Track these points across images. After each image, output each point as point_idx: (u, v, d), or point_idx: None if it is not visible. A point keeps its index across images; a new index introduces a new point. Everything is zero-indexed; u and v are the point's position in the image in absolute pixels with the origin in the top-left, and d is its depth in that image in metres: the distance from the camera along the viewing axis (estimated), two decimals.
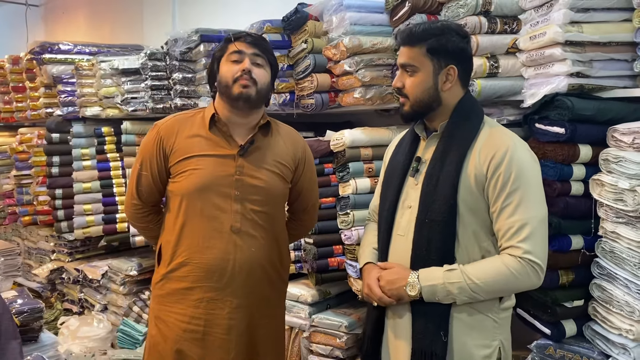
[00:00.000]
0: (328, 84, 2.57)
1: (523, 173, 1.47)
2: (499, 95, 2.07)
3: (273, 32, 2.72)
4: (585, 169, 1.86)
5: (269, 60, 1.80)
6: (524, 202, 1.46)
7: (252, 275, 1.79)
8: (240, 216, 1.76)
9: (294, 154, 1.90)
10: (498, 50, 2.06)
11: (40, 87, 4.26)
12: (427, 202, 1.54)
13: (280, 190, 1.86)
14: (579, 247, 1.86)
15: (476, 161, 1.51)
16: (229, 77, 1.74)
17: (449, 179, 1.51)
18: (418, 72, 1.56)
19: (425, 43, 1.53)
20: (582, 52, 1.84)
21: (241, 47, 1.75)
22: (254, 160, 1.79)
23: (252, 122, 1.82)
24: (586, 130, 1.81)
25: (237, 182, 1.76)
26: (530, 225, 1.45)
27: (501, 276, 1.45)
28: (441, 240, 1.52)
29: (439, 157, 1.55)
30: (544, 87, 1.88)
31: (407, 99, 1.59)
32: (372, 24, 2.37)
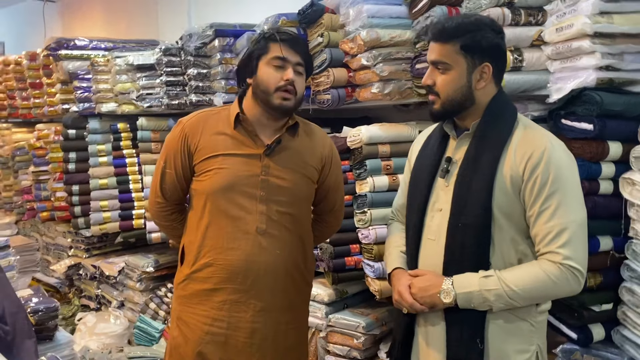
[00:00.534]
0: (345, 79, 2.51)
1: (562, 175, 1.41)
2: (523, 90, 2.00)
3: (288, 25, 2.67)
4: (615, 167, 1.77)
5: (307, 65, 1.75)
6: (563, 206, 1.40)
7: (276, 278, 1.75)
8: (265, 217, 1.72)
9: (321, 153, 1.85)
10: (522, 43, 1.98)
11: (56, 83, 4.26)
12: (459, 205, 1.47)
13: (306, 192, 1.82)
14: (607, 249, 1.79)
15: (512, 162, 1.44)
16: (271, 84, 1.68)
17: (483, 181, 1.44)
18: (451, 70, 1.47)
19: (458, 40, 1.45)
20: (612, 44, 1.75)
21: (287, 54, 1.67)
22: (280, 161, 1.75)
23: (279, 124, 1.78)
24: (616, 127, 1.73)
25: (263, 183, 1.72)
26: (569, 229, 1.39)
27: (540, 283, 1.40)
28: (475, 245, 1.45)
29: (472, 157, 1.48)
30: (571, 82, 1.80)
31: (437, 97, 1.51)
32: (390, 16, 2.30)
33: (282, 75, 1.67)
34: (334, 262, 2.50)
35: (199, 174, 1.76)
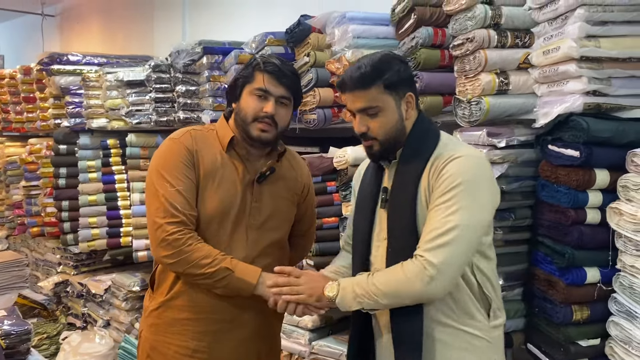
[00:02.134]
0: (331, 99, 2.47)
1: (461, 178, 1.37)
2: (509, 114, 1.94)
3: (276, 44, 2.64)
4: (602, 195, 1.71)
5: (294, 97, 1.69)
6: (453, 205, 1.36)
7: (259, 308, 1.66)
8: (255, 245, 1.67)
9: (302, 181, 1.83)
10: (508, 66, 1.93)
11: (49, 97, 4.24)
12: (392, 231, 1.48)
13: (291, 216, 1.81)
14: (594, 281, 1.72)
15: (428, 176, 1.44)
16: (249, 114, 1.62)
17: (407, 204, 1.45)
18: (382, 112, 1.47)
19: (380, 81, 1.45)
20: (600, 68, 1.69)
21: (269, 86, 1.61)
22: (270, 187, 1.71)
23: (268, 150, 1.73)
24: (603, 154, 1.67)
25: (254, 210, 1.68)
26: (446, 226, 1.35)
27: (395, 278, 1.38)
28: None
29: (398, 183, 1.50)
30: (558, 106, 1.74)
31: (374, 141, 1.49)
32: (376, 36, 2.27)
33: (262, 106, 1.61)
34: None
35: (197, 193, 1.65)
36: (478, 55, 1.88)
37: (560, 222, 1.75)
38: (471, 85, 1.92)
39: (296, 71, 1.74)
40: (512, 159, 1.87)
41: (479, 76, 1.89)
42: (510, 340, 1.96)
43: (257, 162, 1.71)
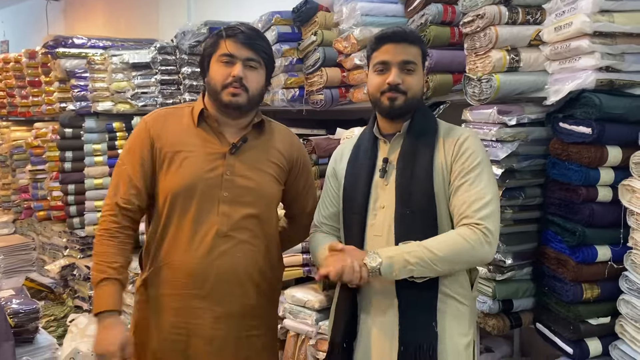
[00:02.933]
0: (338, 79, 2.44)
1: (480, 155, 1.55)
2: (520, 92, 1.92)
3: (282, 23, 2.61)
4: (614, 173, 1.69)
5: (264, 60, 1.67)
6: (481, 180, 1.51)
7: (237, 283, 1.66)
8: (227, 219, 1.64)
9: (289, 154, 1.78)
10: (519, 43, 1.90)
11: (54, 81, 4.23)
12: (405, 195, 1.54)
13: (272, 192, 1.74)
14: (605, 259, 1.71)
15: (443, 151, 1.57)
16: (218, 81, 1.61)
17: (424, 171, 1.54)
18: (417, 70, 1.58)
19: (420, 44, 1.61)
20: (613, 44, 1.67)
21: (233, 50, 1.60)
22: (246, 160, 1.67)
23: (244, 122, 1.70)
24: (615, 131, 1.65)
25: (227, 183, 1.64)
26: (485, 199, 1.49)
27: (456, 245, 1.46)
28: (423, 231, 1.52)
29: (410, 153, 1.58)
30: (570, 83, 1.72)
31: (403, 95, 1.56)
32: (385, 14, 2.24)
33: (230, 71, 1.60)
34: None
35: (160, 172, 1.67)
36: (489, 32, 1.85)
37: (571, 200, 1.73)
38: (481, 63, 1.90)
39: (262, 34, 1.70)
40: (523, 137, 1.85)
41: (489, 53, 1.87)
42: (519, 319, 1.95)
43: (233, 134, 1.68)
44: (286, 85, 2.64)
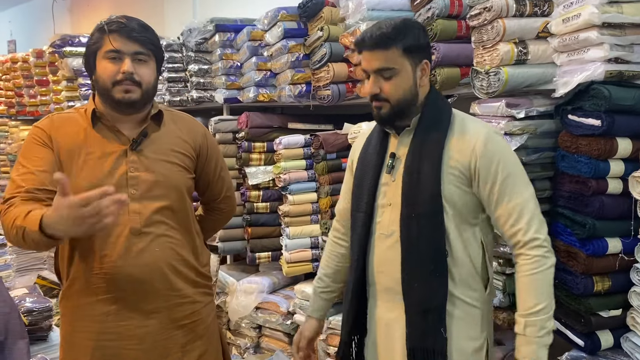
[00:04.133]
0: (345, 74, 2.44)
1: (507, 158, 1.50)
2: (528, 84, 1.91)
3: (289, 19, 2.61)
4: (624, 164, 1.68)
5: (153, 52, 1.58)
6: (517, 187, 1.48)
7: (160, 278, 1.61)
8: (139, 216, 1.58)
9: (194, 141, 1.72)
10: (527, 35, 1.89)
11: (62, 80, 4.26)
12: (411, 196, 1.50)
13: (181, 182, 1.68)
14: (616, 251, 1.70)
15: (455, 151, 1.50)
16: (107, 79, 1.54)
17: (431, 171, 1.49)
18: (398, 74, 1.49)
19: (400, 43, 1.47)
20: (622, 35, 1.65)
21: (118, 46, 1.52)
22: (148, 154, 1.61)
23: (141, 116, 1.63)
24: (625, 122, 1.64)
25: (133, 180, 1.58)
26: (528, 206, 1.47)
27: (544, 281, 1.45)
28: (431, 233, 1.49)
29: (417, 149, 1.52)
30: (578, 75, 1.71)
31: (386, 102, 1.51)
32: (391, 9, 2.23)
33: (118, 67, 1.52)
34: None
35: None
36: (496, 25, 1.84)
37: (580, 193, 1.73)
38: (489, 56, 1.89)
39: (146, 24, 1.60)
40: (531, 130, 1.84)
41: (497, 46, 1.86)
42: None
43: (131, 130, 1.62)
44: (293, 81, 2.64)
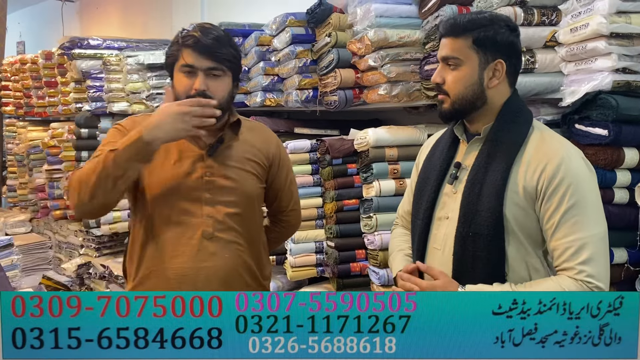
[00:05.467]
0: (352, 80, 2.45)
1: (580, 186, 1.32)
2: (536, 93, 1.92)
3: (296, 25, 2.63)
4: (631, 174, 1.69)
5: (228, 66, 1.59)
6: (583, 219, 1.31)
7: (227, 283, 1.64)
8: (212, 220, 1.62)
9: (267, 151, 1.75)
10: (535, 44, 1.90)
11: (70, 82, 4.28)
12: (469, 213, 1.38)
13: (254, 190, 1.71)
14: (622, 261, 1.70)
15: (525, 171, 1.36)
16: (181, 92, 1.56)
17: (495, 188, 1.35)
18: (462, 66, 1.39)
19: (471, 34, 1.37)
20: (630, 45, 1.66)
21: (192, 61, 1.53)
22: (224, 160, 1.65)
23: (218, 124, 1.65)
24: (632, 132, 1.64)
25: (208, 184, 1.62)
26: (590, 244, 1.30)
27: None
28: (487, 256, 1.37)
29: (483, 163, 1.39)
30: (586, 84, 1.72)
31: (447, 96, 1.42)
32: (399, 16, 2.23)
33: (192, 83, 1.54)
34: (339, 267, 2.44)
35: (139, 178, 1.62)
36: None
37: None
38: None
39: (224, 38, 1.59)
40: None
41: None
42: None
43: (209, 136, 1.64)
44: (300, 87, 2.65)
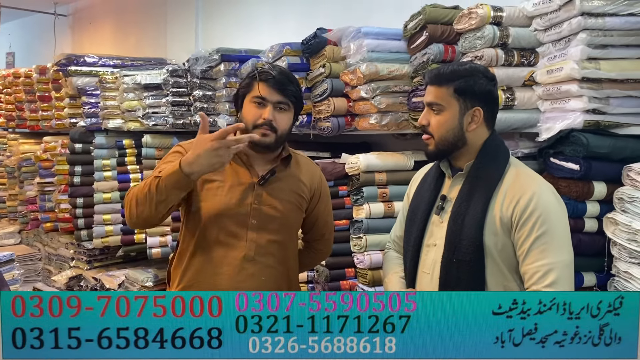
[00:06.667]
0: (345, 108, 2.59)
1: (549, 217, 1.47)
2: (515, 127, 2.08)
3: (292, 54, 2.76)
4: (600, 206, 1.85)
5: (293, 103, 1.78)
6: (550, 247, 1.45)
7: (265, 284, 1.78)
8: (254, 245, 1.77)
9: (311, 184, 1.91)
10: (514, 83, 2.06)
11: (65, 97, 4.35)
12: (453, 241, 1.53)
13: (295, 220, 1.88)
14: (591, 285, 1.86)
15: (502, 203, 1.51)
16: (249, 121, 1.74)
17: (475, 219, 1.51)
18: (444, 111, 1.56)
19: (452, 84, 1.54)
20: (599, 88, 1.83)
21: (265, 93, 1.73)
22: (272, 191, 1.81)
23: (273, 155, 1.84)
24: (601, 168, 1.80)
25: (255, 211, 1.77)
26: (556, 270, 1.43)
27: None
28: (469, 279, 1.51)
29: (465, 196, 1.55)
30: (560, 122, 1.88)
31: (431, 138, 1.59)
32: (389, 51, 2.39)
33: (261, 113, 1.73)
34: (329, 285, 2.55)
35: (194, 198, 1.79)
36: None
37: None
38: None
39: (293, 78, 1.79)
40: None
41: None
42: None
43: (262, 167, 1.81)
44: None
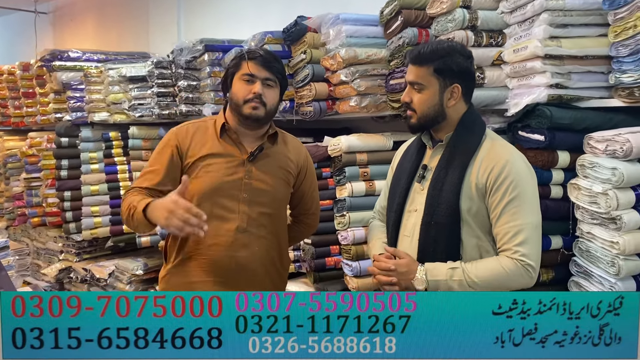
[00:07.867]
0: (326, 93, 2.70)
1: (520, 183, 1.59)
2: (485, 105, 2.20)
3: (274, 42, 2.86)
4: (564, 173, 1.98)
5: (279, 79, 1.91)
6: (520, 210, 1.57)
7: (254, 273, 1.91)
8: (246, 217, 1.89)
9: (297, 161, 2.03)
10: (484, 62, 2.19)
11: (50, 93, 4.38)
12: (432, 206, 1.65)
13: (283, 194, 2.00)
14: (558, 247, 1.99)
15: (477, 171, 1.63)
16: (240, 97, 1.87)
17: (453, 186, 1.63)
18: (425, 90, 1.67)
19: (432, 63, 1.64)
20: (561, 64, 1.97)
21: (254, 71, 1.85)
22: (261, 166, 1.93)
23: (260, 133, 1.95)
24: (564, 138, 1.93)
25: (246, 186, 1.89)
26: (525, 230, 1.56)
27: (497, 275, 1.56)
28: (445, 241, 1.64)
29: (444, 165, 1.67)
30: (526, 97, 2.01)
31: (414, 113, 1.70)
32: (367, 36, 2.50)
33: (251, 88, 1.86)
34: (315, 262, 2.67)
35: (188, 175, 1.88)
36: None
37: None
38: None
39: (278, 57, 1.94)
40: None
41: None
42: None
43: (250, 144, 1.93)
44: None
